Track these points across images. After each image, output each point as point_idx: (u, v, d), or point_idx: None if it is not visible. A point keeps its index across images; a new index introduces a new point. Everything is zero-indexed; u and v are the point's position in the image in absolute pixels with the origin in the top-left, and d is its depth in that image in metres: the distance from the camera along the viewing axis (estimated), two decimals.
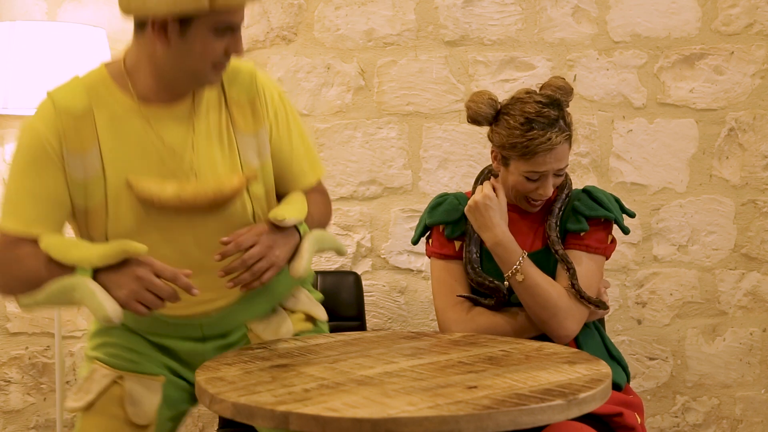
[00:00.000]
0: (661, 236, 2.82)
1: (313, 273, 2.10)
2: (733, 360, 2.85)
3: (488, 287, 1.96)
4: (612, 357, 2.01)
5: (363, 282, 2.60)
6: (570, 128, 1.92)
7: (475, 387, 1.39)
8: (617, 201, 2.02)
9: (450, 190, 2.64)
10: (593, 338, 2.00)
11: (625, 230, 2.02)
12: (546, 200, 1.98)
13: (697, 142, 2.81)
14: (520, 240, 1.98)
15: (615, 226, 2.01)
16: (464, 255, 2.00)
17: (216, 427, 2.58)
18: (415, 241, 2.10)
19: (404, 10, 2.74)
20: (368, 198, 2.78)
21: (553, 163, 1.89)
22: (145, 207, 1.69)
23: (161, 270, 1.59)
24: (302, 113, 2.74)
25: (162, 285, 1.59)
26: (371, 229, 2.78)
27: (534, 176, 1.90)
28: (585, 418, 1.77)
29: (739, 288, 2.84)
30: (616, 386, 1.95)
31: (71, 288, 1.59)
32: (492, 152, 1.98)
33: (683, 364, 2.84)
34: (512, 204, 2.00)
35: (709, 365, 2.85)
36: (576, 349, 1.69)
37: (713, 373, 2.85)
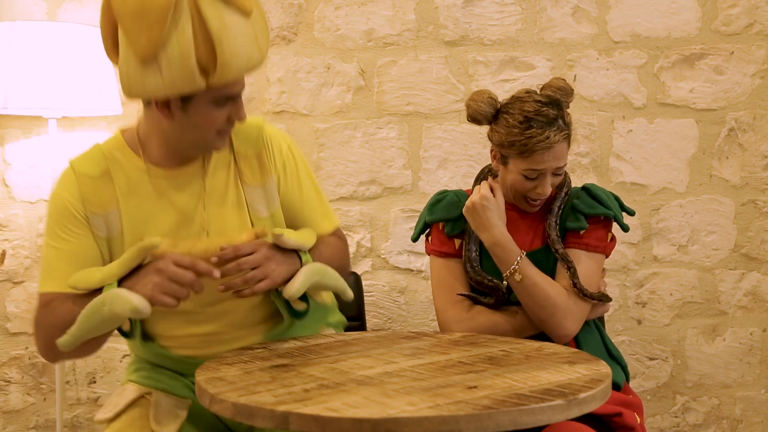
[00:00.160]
0: (661, 236, 2.82)
1: (345, 321, 2.10)
2: (733, 360, 2.85)
3: (487, 286, 1.96)
4: (611, 356, 2.01)
5: (363, 282, 2.59)
6: (569, 128, 1.92)
7: (475, 387, 1.39)
8: (617, 199, 2.02)
9: None
10: (593, 337, 2.00)
11: (625, 228, 2.01)
12: (545, 199, 1.98)
13: (697, 142, 2.81)
14: (520, 239, 1.98)
15: (615, 224, 2.01)
16: (464, 253, 2.00)
17: None
18: (415, 238, 2.10)
19: (404, 10, 2.74)
20: (368, 198, 2.78)
21: (551, 162, 1.89)
22: None
23: (180, 260, 1.63)
24: (302, 113, 2.74)
25: (182, 272, 1.61)
26: (371, 229, 2.78)
27: (532, 174, 1.91)
28: (585, 418, 1.77)
29: (739, 288, 2.84)
30: (615, 386, 1.95)
31: (100, 304, 1.61)
32: (491, 151, 1.98)
33: (683, 364, 2.84)
34: (511, 203, 2.01)
35: (709, 365, 2.85)
36: (576, 349, 1.70)
37: (713, 373, 2.85)
